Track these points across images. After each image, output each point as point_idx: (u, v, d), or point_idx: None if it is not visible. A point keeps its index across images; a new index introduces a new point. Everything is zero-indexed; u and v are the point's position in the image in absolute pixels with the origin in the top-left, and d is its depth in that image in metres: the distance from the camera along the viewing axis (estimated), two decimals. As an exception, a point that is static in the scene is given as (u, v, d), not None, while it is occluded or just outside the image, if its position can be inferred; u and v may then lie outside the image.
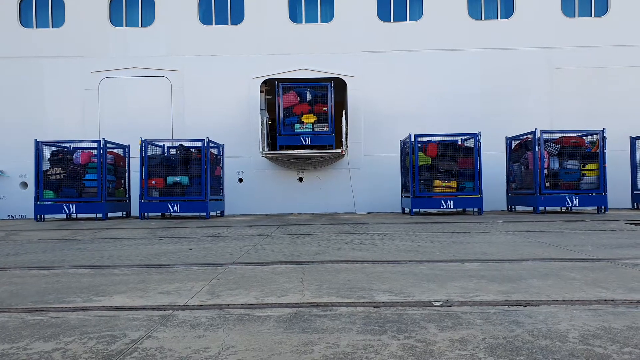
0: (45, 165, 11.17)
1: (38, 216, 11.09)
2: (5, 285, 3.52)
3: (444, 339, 2.07)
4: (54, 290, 3.27)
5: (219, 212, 12.44)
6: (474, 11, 14.05)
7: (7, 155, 13.66)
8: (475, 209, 11.35)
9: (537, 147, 11.01)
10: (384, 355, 1.89)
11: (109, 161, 11.58)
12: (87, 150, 11.38)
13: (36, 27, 14.08)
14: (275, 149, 13.21)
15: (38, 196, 11.01)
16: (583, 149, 11.25)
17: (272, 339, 2.11)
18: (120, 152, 12.26)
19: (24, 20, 14.11)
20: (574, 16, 13.99)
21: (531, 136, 11.31)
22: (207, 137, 11.41)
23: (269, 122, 13.78)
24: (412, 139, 11.29)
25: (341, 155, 13.44)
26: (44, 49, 13.92)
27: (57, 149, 11.35)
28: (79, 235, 7.45)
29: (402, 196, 12.67)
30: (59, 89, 13.92)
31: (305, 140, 12.65)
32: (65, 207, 11.03)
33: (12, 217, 13.60)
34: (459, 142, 11.64)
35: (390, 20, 14.08)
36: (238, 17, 14.07)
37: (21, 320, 2.50)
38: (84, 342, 2.11)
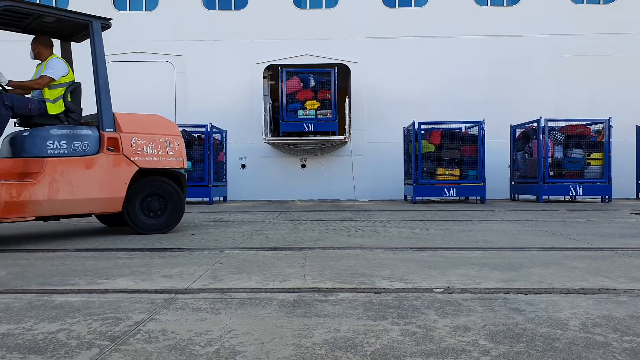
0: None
1: None
2: (11, 267, 3.55)
3: (444, 325, 2.08)
4: (58, 273, 3.30)
5: (221, 197, 12.48)
6: (480, -3, 13.88)
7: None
8: (478, 197, 11.34)
9: (541, 135, 10.95)
10: (385, 340, 1.91)
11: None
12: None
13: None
14: (278, 135, 13.19)
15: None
16: (588, 138, 11.18)
17: (274, 323, 2.13)
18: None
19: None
20: (582, 3, 13.79)
21: (536, 124, 11.24)
22: (210, 123, 11.39)
23: (272, 108, 13.74)
24: (416, 126, 11.24)
25: (344, 142, 13.41)
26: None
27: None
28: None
29: (404, 184, 12.67)
30: (62, 73, 13.85)
31: (308, 126, 12.63)
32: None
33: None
34: (463, 130, 11.58)
35: (395, 6, 13.93)
36: (242, 1, 13.94)
37: (26, 302, 2.53)
38: (88, 324, 2.14)
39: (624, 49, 13.51)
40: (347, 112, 13.21)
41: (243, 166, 14.00)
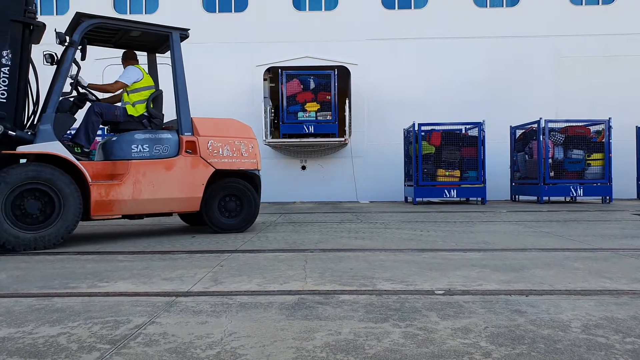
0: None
1: None
2: (11, 270, 3.55)
3: (445, 327, 2.08)
4: (59, 276, 3.30)
5: (222, 200, 12.45)
6: (479, -2, 13.90)
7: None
8: (479, 199, 11.33)
9: (541, 136, 10.95)
10: (386, 342, 1.90)
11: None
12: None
13: (40, 15, 14.01)
14: (279, 137, 13.18)
15: None
16: (588, 139, 11.18)
17: (275, 326, 2.12)
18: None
19: (28, 7, 14.03)
20: (581, 4, 13.80)
21: (536, 125, 11.24)
22: (211, 125, 11.36)
23: (272, 110, 13.75)
24: (416, 128, 11.24)
25: (344, 144, 13.41)
26: (48, 36, 13.86)
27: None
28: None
29: (405, 185, 12.66)
30: (62, 76, 13.86)
31: (308, 128, 12.62)
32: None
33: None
34: (463, 131, 11.58)
35: (394, 8, 13.94)
36: (242, 4, 13.95)
37: (27, 305, 2.53)
38: (88, 327, 2.13)
39: (624, 49, 13.51)
40: (347, 113, 13.21)
41: (243, 168, 14.00)
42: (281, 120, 12.81)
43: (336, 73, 12.83)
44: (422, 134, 11.21)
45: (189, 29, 5.96)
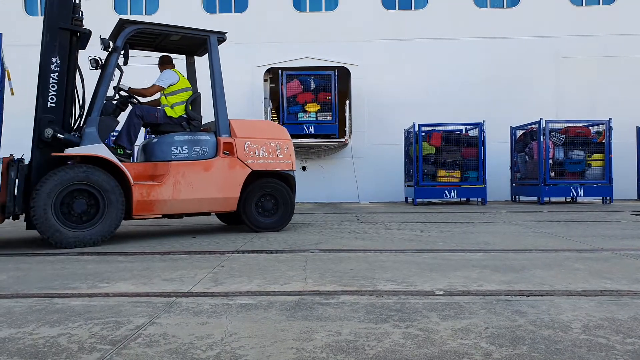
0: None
1: None
2: (12, 271, 3.55)
3: (446, 328, 2.08)
4: (59, 277, 3.30)
5: (222, 200, 12.45)
6: (479, -1, 13.89)
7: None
8: (479, 199, 11.33)
9: (542, 137, 10.95)
10: (386, 343, 1.90)
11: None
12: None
13: (41, 15, 14.01)
14: (279, 138, 13.16)
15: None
16: (589, 139, 11.18)
17: (275, 326, 2.12)
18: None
19: (29, 8, 14.05)
20: (581, 4, 13.80)
21: (536, 126, 11.24)
22: (211, 126, 11.38)
23: (272, 111, 13.74)
24: (416, 128, 11.24)
25: (344, 145, 13.40)
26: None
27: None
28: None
29: (405, 186, 12.66)
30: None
31: (308, 129, 12.61)
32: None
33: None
34: (464, 132, 11.57)
35: (394, 9, 13.93)
36: (242, 4, 13.95)
37: (27, 306, 2.53)
38: (89, 328, 2.13)
39: (624, 50, 13.50)
40: (347, 114, 13.20)
41: (244, 169, 13.99)
42: (281, 121, 12.81)
43: (336, 74, 12.82)
44: (423, 134, 11.21)
45: (226, 32, 6.09)
